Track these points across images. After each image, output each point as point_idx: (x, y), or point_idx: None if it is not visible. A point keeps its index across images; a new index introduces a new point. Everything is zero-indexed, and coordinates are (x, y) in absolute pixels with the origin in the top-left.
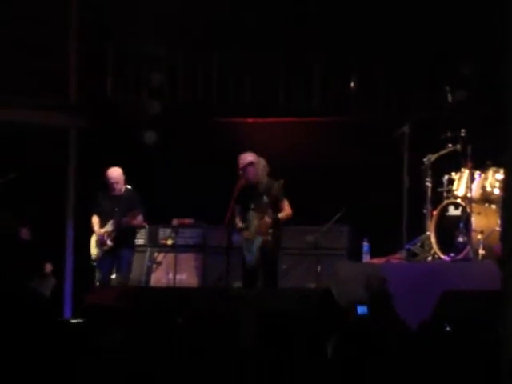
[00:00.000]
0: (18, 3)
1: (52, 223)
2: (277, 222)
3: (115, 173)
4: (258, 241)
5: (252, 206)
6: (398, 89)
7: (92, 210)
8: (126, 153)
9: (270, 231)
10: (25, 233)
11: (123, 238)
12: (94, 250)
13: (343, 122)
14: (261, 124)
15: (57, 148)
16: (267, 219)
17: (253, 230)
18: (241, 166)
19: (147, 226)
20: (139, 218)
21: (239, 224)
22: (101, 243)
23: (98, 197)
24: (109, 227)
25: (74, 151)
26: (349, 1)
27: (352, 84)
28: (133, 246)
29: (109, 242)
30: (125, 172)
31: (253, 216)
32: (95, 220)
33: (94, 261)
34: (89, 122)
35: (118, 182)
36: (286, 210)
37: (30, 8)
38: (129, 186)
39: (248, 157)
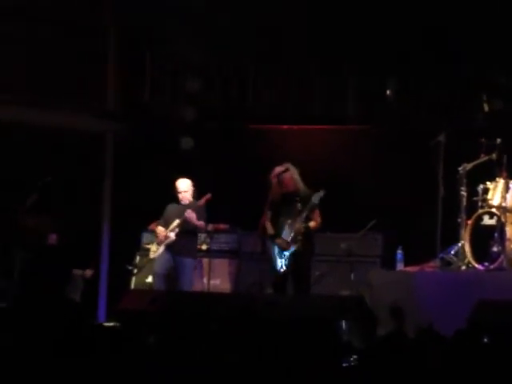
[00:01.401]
0: (58, 9)
1: (88, 227)
2: (308, 231)
3: (183, 183)
4: (291, 250)
5: (285, 213)
6: (434, 98)
7: (158, 220)
8: (162, 158)
9: (301, 238)
10: (53, 238)
11: (185, 243)
12: (154, 247)
13: (378, 131)
14: (295, 131)
15: (94, 153)
16: (301, 227)
17: (286, 237)
18: (277, 173)
19: None
20: (201, 223)
21: (270, 230)
22: (161, 240)
23: (166, 209)
24: (173, 223)
25: (111, 156)
26: (387, 10)
27: (388, 92)
28: (195, 255)
29: (171, 235)
30: (161, 177)
31: (286, 223)
32: (160, 229)
33: (140, 266)
34: (126, 128)
35: (185, 192)
36: (317, 220)
37: (69, 14)
38: (197, 201)
39: (283, 165)
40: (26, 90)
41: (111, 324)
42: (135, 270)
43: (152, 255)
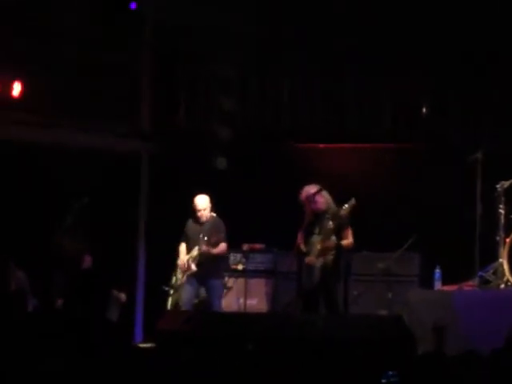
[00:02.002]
0: (93, 31)
1: (124, 248)
2: (339, 248)
3: (201, 200)
4: (319, 263)
5: (316, 231)
6: (471, 114)
7: (180, 239)
8: (197, 178)
9: (332, 253)
10: (88, 260)
11: (211, 266)
12: (179, 275)
13: (415, 149)
14: (332, 149)
15: (129, 173)
16: (330, 242)
17: (315, 254)
18: (309, 194)
19: None
20: (222, 246)
21: (303, 249)
22: (184, 270)
23: (186, 225)
24: (194, 252)
25: (146, 177)
26: (424, 28)
27: (424, 109)
28: (222, 275)
29: (193, 267)
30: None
31: (316, 240)
32: (182, 248)
33: (174, 286)
34: (160, 148)
35: (204, 209)
36: (349, 239)
37: (104, 35)
38: (215, 215)
39: (314, 189)
40: (62, 113)
41: (148, 345)
42: (171, 291)
43: (178, 283)
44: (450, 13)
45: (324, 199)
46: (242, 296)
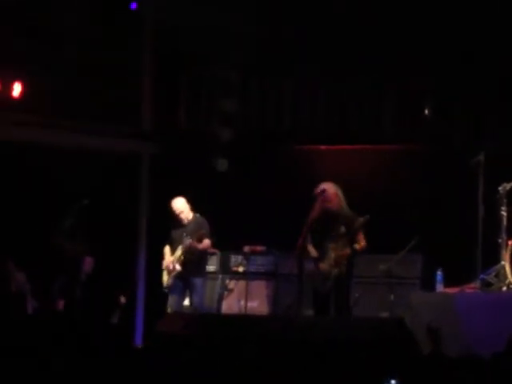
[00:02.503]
0: (93, 31)
1: (124, 249)
2: (354, 255)
3: (178, 203)
4: (334, 272)
5: (329, 237)
6: (473, 116)
7: (165, 241)
8: (198, 179)
9: (345, 263)
10: (88, 262)
11: (194, 265)
12: (165, 277)
13: (417, 150)
14: (333, 151)
15: (129, 174)
16: (346, 251)
17: (329, 262)
18: (322, 189)
19: (218, 253)
20: (206, 242)
21: (313, 253)
22: (169, 270)
23: (170, 228)
24: (178, 252)
25: (147, 178)
26: (425, 30)
27: (426, 111)
28: (204, 274)
29: (177, 267)
30: (196, 199)
31: (330, 247)
32: (167, 249)
33: (166, 288)
34: (161, 149)
35: (182, 212)
36: (362, 242)
37: (104, 36)
38: (197, 214)
39: (332, 187)
40: (62, 113)
41: (148, 346)
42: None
43: (165, 285)
44: (450, 13)
45: (339, 200)
46: (243, 298)
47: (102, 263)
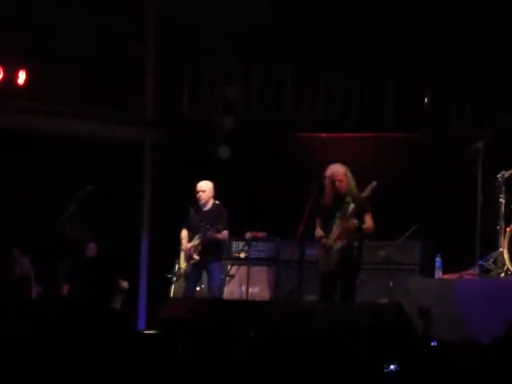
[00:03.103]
0: (96, 18)
1: (127, 236)
2: (359, 230)
3: (204, 183)
4: (336, 246)
5: (337, 216)
6: (472, 105)
7: (182, 225)
8: (200, 166)
9: (352, 237)
10: (92, 248)
11: (211, 252)
12: (182, 264)
13: (416, 138)
14: (334, 139)
15: (133, 161)
16: (350, 223)
17: (332, 236)
18: (333, 174)
19: None
20: (224, 234)
21: (320, 233)
22: (188, 257)
23: (189, 211)
24: (195, 241)
25: (150, 164)
26: (423, 17)
27: (425, 100)
28: (220, 259)
29: (195, 256)
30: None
31: (336, 223)
32: (184, 234)
33: (178, 274)
34: (164, 136)
35: (203, 192)
36: (369, 223)
37: (107, 23)
38: (218, 202)
39: (340, 167)
40: (66, 101)
41: (151, 332)
42: (174, 278)
43: (182, 271)
44: (450, 2)
45: (348, 180)
46: (245, 284)
47: (106, 249)
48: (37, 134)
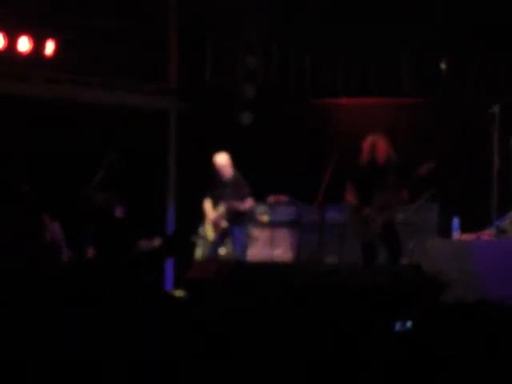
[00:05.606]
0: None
1: (154, 203)
2: (399, 202)
3: (221, 158)
4: (379, 218)
5: (376, 186)
6: (488, 69)
7: (204, 195)
8: (223, 133)
9: (393, 210)
10: (120, 211)
11: (236, 217)
12: (210, 234)
13: (433, 103)
14: (353, 105)
15: (158, 129)
16: (395, 199)
17: (374, 208)
18: (372, 140)
19: None
20: (249, 202)
21: (354, 200)
22: (216, 226)
23: (210, 182)
24: (221, 209)
25: (174, 133)
26: None
27: (442, 65)
28: (245, 223)
29: (223, 224)
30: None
31: (377, 195)
32: (207, 205)
33: (205, 239)
34: (188, 105)
35: (223, 167)
36: (405, 193)
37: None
38: (237, 172)
39: (380, 138)
40: (92, 71)
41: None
42: (200, 241)
43: (210, 239)
44: None
45: (388, 150)
46: (268, 246)
47: (133, 213)
48: (64, 104)
